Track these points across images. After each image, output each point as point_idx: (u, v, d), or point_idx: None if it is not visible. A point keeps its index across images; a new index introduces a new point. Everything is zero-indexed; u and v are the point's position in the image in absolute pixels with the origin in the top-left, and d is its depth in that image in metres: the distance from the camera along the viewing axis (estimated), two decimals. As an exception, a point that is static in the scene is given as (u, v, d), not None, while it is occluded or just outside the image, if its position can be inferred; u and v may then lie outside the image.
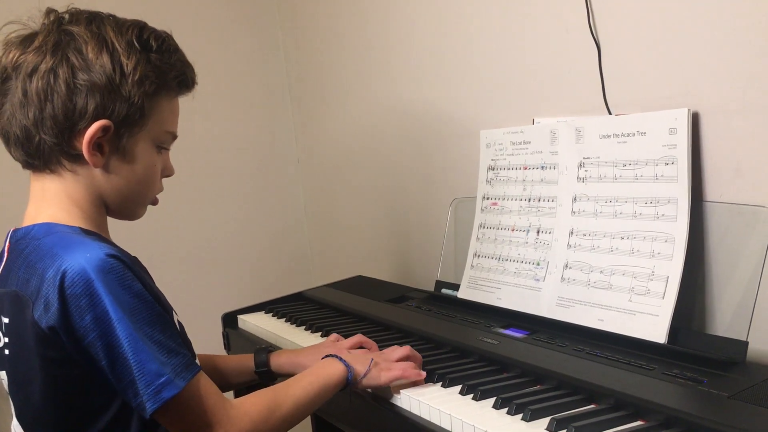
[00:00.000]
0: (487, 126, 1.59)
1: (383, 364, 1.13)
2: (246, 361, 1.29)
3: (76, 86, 0.94)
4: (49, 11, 0.98)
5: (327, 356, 1.15)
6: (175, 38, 1.05)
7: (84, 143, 0.95)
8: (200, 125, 2.41)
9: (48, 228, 0.96)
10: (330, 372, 1.09)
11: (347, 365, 1.11)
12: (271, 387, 1.08)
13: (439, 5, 1.78)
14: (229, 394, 1.12)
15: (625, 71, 1.33)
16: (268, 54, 2.62)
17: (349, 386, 1.11)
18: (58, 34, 0.96)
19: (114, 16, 1.00)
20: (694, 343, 1.11)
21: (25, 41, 0.97)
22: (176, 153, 1.09)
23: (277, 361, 1.28)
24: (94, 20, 0.98)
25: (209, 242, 2.50)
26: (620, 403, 0.96)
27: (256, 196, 2.61)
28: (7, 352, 0.98)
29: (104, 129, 0.96)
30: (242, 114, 2.57)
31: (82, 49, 0.95)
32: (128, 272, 0.90)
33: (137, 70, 0.96)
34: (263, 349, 1.28)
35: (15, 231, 1.00)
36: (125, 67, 0.96)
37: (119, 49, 0.96)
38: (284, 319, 1.65)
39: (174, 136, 1.07)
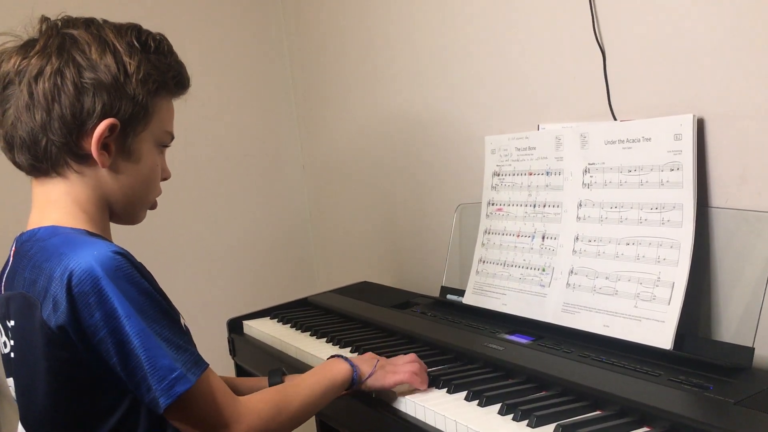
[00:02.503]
0: (492, 132, 1.59)
1: (389, 367, 1.14)
2: (262, 384, 1.26)
3: (84, 86, 0.95)
4: (44, 19, 0.99)
5: (332, 356, 1.16)
6: (181, 46, 1.07)
7: (92, 142, 0.96)
8: (205, 132, 2.43)
9: (53, 230, 0.96)
10: (335, 371, 1.10)
11: (352, 365, 1.12)
12: (279, 386, 1.09)
13: (443, 11, 1.79)
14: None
15: (630, 77, 1.33)
16: (273, 60, 2.63)
17: (354, 386, 1.12)
18: (60, 38, 0.97)
19: (107, 21, 1.02)
20: (700, 349, 1.11)
21: (25, 47, 0.97)
22: (183, 160, 1.10)
23: None
24: (92, 24, 0.99)
25: (215, 248, 2.51)
26: (626, 410, 0.96)
27: (262, 202, 2.61)
28: (13, 356, 0.98)
29: (111, 128, 0.96)
30: (247, 120, 2.58)
31: (85, 50, 0.96)
32: (135, 270, 0.90)
33: (140, 70, 0.98)
34: (277, 370, 1.25)
35: (20, 235, 1.01)
36: (129, 67, 0.97)
37: (121, 49, 0.97)
38: (289, 325, 1.65)
39: (172, 136, 1.08)
